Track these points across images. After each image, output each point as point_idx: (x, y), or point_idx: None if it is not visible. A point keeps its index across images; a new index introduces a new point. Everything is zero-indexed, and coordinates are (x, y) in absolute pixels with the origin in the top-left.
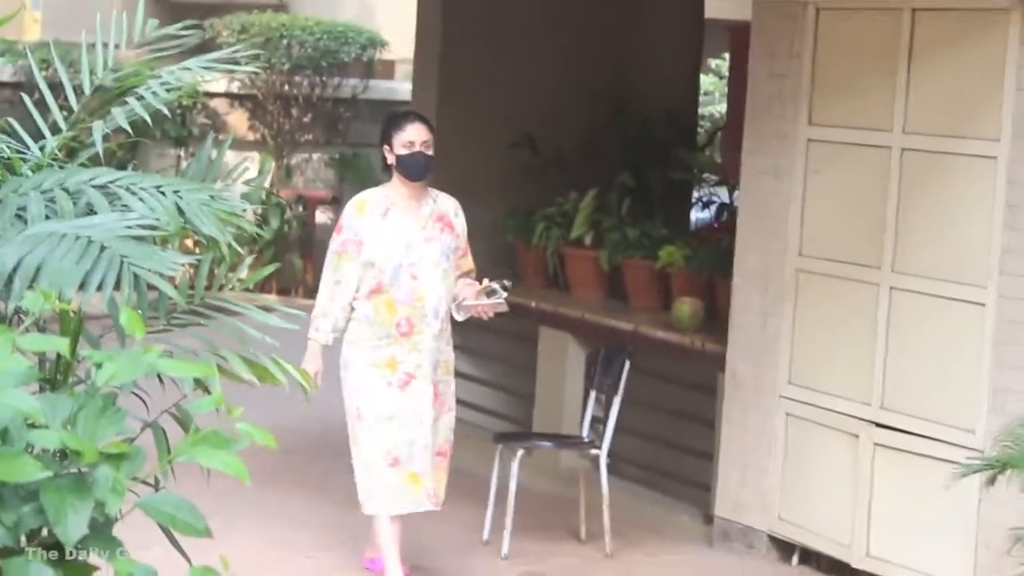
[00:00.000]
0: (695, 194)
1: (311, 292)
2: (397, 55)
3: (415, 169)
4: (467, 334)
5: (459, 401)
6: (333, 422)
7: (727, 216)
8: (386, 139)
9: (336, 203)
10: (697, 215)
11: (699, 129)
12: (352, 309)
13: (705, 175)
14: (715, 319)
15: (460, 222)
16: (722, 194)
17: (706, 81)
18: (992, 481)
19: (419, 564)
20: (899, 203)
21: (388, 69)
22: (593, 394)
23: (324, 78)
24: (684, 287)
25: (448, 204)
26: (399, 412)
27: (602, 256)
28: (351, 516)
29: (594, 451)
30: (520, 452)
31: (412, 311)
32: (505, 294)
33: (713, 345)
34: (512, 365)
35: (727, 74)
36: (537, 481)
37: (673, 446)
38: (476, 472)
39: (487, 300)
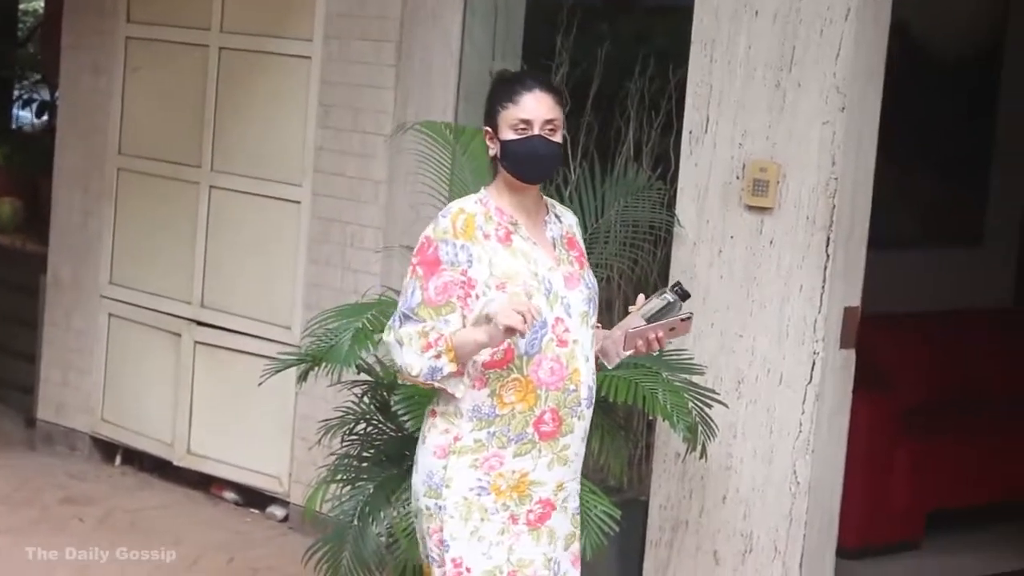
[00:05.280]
0: (16, 92)
1: None
2: None
3: (532, 166)
4: None
5: None
6: None
7: (49, 114)
8: (489, 118)
9: None
10: (19, 113)
11: (21, 24)
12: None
13: (28, 72)
14: (37, 219)
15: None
16: (44, 92)
17: None
18: (304, 376)
19: None
20: (218, 102)
21: None
22: None
23: None
24: (4, 187)
25: (571, 219)
26: (526, 567)
27: None
28: None
29: None
30: None
31: (562, 398)
32: (683, 302)
33: (34, 246)
34: None
35: None
36: None
37: None
38: None
39: (666, 319)
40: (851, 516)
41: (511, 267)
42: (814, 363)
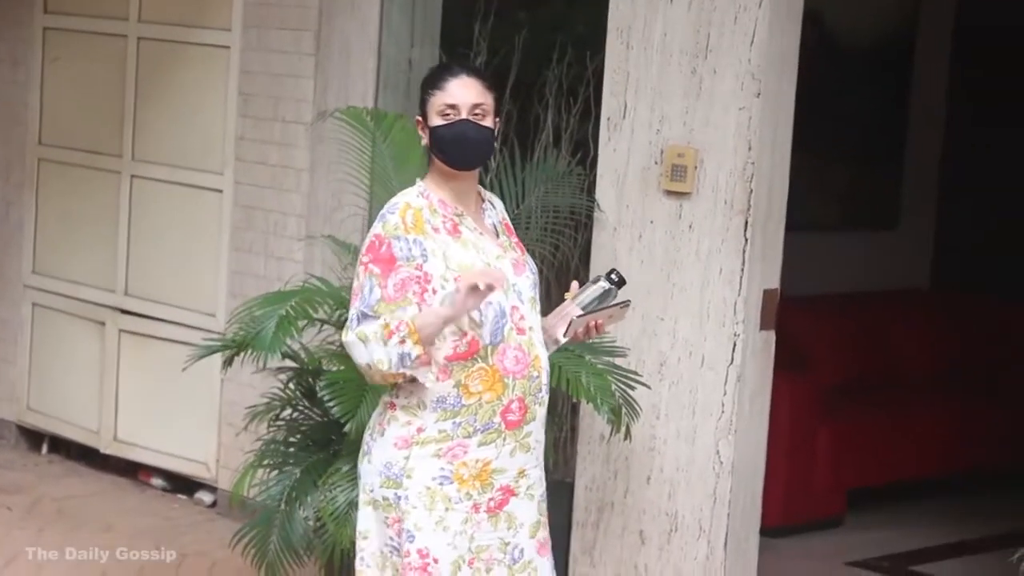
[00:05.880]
0: None
1: None
2: None
3: (460, 151)
4: None
5: None
6: None
7: None
8: (420, 107)
9: None
10: None
11: None
12: (406, 388)
13: None
14: None
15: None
16: None
17: None
18: (229, 362)
19: None
20: (137, 92)
21: None
22: None
23: None
24: None
25: (500, 204)
26: (483, 552)
27: None
28: None
29: None
30: None
31: (528, 386)
32: (619, 289)
33: None
34: None
35: None
36: None
37: None
38: None
39: (607, 305)
40: (774, 495)
41: (465, 259)
42: (735, 345)
